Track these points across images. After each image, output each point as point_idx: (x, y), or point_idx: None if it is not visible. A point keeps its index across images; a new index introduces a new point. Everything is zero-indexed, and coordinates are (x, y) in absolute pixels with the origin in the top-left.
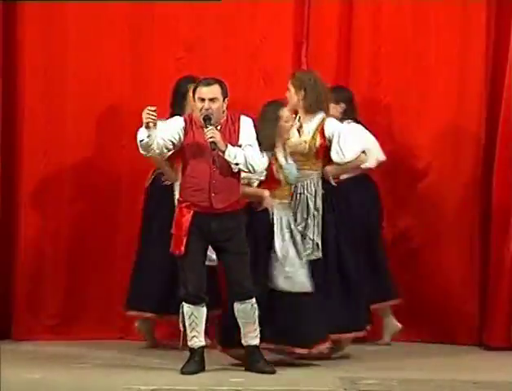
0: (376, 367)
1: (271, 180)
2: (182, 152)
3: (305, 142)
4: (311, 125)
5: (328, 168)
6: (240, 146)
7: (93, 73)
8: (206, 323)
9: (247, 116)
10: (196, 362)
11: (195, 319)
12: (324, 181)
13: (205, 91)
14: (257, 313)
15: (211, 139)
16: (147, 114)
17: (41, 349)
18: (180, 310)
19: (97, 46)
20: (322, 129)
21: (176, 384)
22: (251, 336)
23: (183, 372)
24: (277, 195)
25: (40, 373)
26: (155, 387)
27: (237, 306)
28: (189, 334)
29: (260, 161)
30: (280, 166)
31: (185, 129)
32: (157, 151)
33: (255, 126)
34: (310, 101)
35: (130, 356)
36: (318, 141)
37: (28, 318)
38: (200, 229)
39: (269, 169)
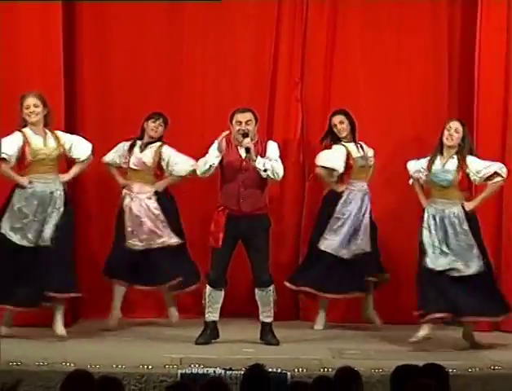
0: (358, 341)
1: None
2: (221, 168)
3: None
4: None
5: None
6: None
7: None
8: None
9: (273, 140)
10: (207, 335)
11: (211, 299)
12: None
13: (242, 116)
14: (271, 298)
15: (248, 145)
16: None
17: (97, 325)
18: (204, 290)
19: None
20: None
21: (200, 353)
22: (265, 315)
23: (196, 343)
24: None
25: (92, 345)
26: (182, 356)
27: (256, 291)
28: (206, 309)
29: (281, 171)
30: None
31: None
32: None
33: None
34: None
35: (162, 330)
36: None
37: (94, 300)
38: (231, 227)
39: None
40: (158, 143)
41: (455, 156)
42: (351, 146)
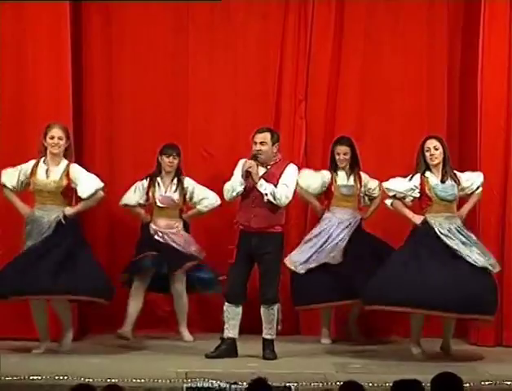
0: (361, 355)
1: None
2: None
3: (53, 181)
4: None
5: None
6: (275, 184)
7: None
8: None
9: (295, 164)
10: (221, 350)
11: (228, 315)
12: None
13: (258, 137)
14: (274, 317)
15: (250, 169)
16: (249, 164)
17: (105, 341)
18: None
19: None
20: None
21: (205, 367)
22: (266, 331)
23: (206, 356)
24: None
25: (99, 358)
26: (188, 369)
27: (261, 307)
28: (224, 325)
29: (286, 197)
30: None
31: None
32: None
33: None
34: None
35: (168, 344)
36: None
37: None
38: (244, 243)
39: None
40: (178, 178)
41: (447, 172)
42: (341, 173)
